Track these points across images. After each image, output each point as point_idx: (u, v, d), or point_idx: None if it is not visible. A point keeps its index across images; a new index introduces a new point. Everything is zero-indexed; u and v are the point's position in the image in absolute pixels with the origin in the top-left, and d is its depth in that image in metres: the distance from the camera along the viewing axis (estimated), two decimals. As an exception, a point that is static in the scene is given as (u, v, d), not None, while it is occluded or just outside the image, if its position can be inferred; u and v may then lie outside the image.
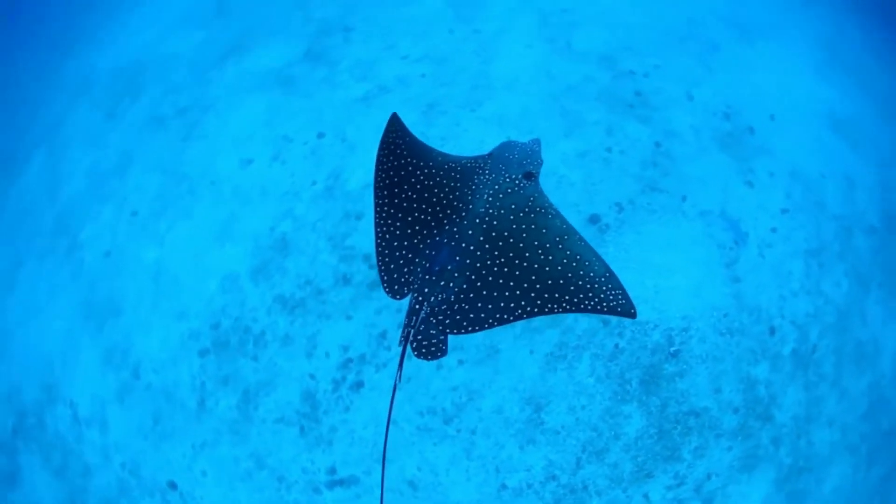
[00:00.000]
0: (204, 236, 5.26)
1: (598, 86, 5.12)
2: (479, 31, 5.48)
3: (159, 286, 5.28)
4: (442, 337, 2.74)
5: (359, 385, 4.48)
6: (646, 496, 4.48)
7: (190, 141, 5.83)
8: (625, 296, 2.60)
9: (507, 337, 4.38)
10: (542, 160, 3.02)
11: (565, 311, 2.59)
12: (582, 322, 4.40)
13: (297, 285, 4.74)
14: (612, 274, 2.65)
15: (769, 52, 5.80)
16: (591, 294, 2.60)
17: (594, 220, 4.64)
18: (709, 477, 4.57)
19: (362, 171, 4.82)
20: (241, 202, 5.19)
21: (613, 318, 4.45)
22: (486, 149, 4.70)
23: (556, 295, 2.60)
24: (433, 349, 2.73)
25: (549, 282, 2.61)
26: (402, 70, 5.23)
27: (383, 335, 4.46)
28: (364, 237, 4.66)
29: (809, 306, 5.06)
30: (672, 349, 4.52)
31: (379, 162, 2.98)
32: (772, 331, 4.85)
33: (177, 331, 5.05)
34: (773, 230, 5.03)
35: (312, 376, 4.57)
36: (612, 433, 4.43)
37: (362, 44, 5.56)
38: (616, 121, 4.91)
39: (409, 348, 2.76)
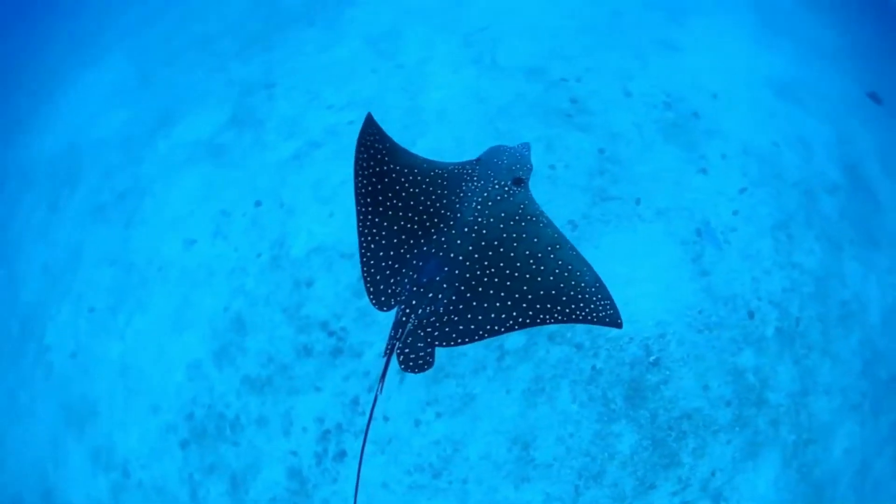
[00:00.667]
0: (162, 326, 5.13)
1: (531, 100, 4.95)
2: (403, 65, 5.30)
3: (128, 382, 5.18)
4: (429, 349, 2.66)
5: (342, 455, 4.36)
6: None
7: (132, 227, 5.68)
8: (613, 306, 2.57)
9: (480, 381, 4.26)
10: (531, 165, 2.94)
11: (556, 321, 2.52)
12: (554, 352, 4.28)
13: (261, 364, 4.61)
14: (601, 284, 2.60)
15: (700, 28, 5.64)
16: (581, 304, 2.55)
17: (548, 242, 4.50)
18: (713, 474, 4.47)
19: (305, 235, 4.68)
20: (191, 285, 5.04)
21: (587, 341, 4.33)
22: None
23: (549, 305, 2.54)
24: (420, 361, 2.64)
25: (541, 292, 2.55)
26: (329, 120, 5.06)
27: (355, 401, 4.34)
28: (317, 304, 4.52)
29: (785, 281, 4.94)
30: (651, 358, 4.40)
31: (358, 166, 2.84)
32: (751, 315, 4.73)
33: (154, 425, 4.96)
34: (735, 213, 4.90)
35: (294, 453, 4.46)
36: (606, 454, 4.32)
37: (286, 99, 5.39)
38: (555, 134, 4.75)
39: (395, 360, 2.68)
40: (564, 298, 2.55)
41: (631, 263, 4.54)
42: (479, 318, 2.54)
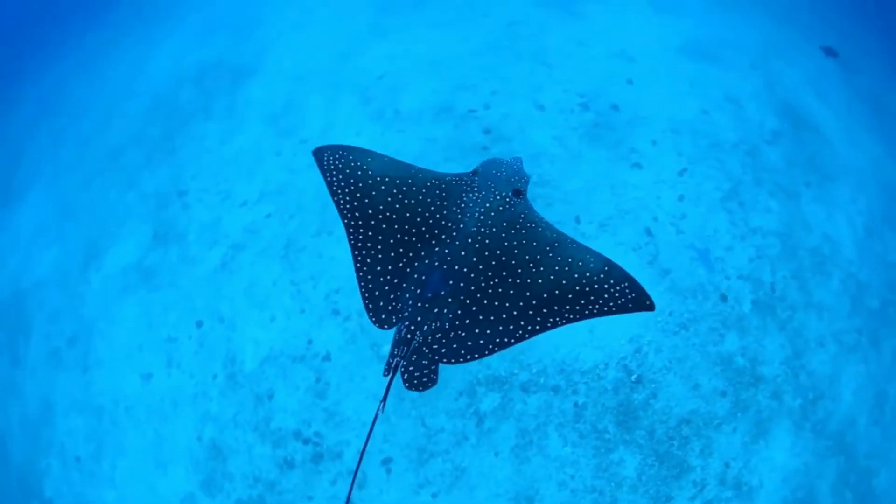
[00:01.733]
0: (145, 466, 5.00)
1: (443, 143, 4.72)
2: (306, 139, 5.07)
3: (132, 527, 5.06)
4: (433, 366, 2.57)
5: (350, 558, 4.22)
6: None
7: (90, 371, 5.53)
8: (633, 287, 2.41)
9: (465, 452, 4.10)
10: (528, 177, 2.88)
11: (569, 321, 2.38)
12: (531, 401, 4.12)
13: (248, 486, 4.46)
14: (612, 268, 2.45)
15: (599, 12, 5.36)
16: (592, 296, 2.42)
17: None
18: (727, 466, 4.34)
19: (252, 346, 4.53)
20: (160, 420, 4.89)
21: (561, 381, 4.17)
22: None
23: (556, 307, 2.44)
24: (424, 379, 2.55)
25: (545, 295, 2.46)
26: (246, 219, 4.85)
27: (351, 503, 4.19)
28: (284, 415, 4.37)
29: (749, 250, 4.76)
30: (633, 377, 4.23)
31: (333, 191, 2.74)
32: (723, 298, 4.55)
33: (165, 565, 4.84)
34: (681, 198, 4.70)
35: (304, 567, 4.33)
36: (613, 484, 4.18)
37: (200, 204, 5.17)
38: (475, 172, 4.53)
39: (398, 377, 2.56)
40: (570, 295, 2.43)
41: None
42: (487, 332, 2.46)
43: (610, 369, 4.20)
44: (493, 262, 2.56)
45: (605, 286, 2.43)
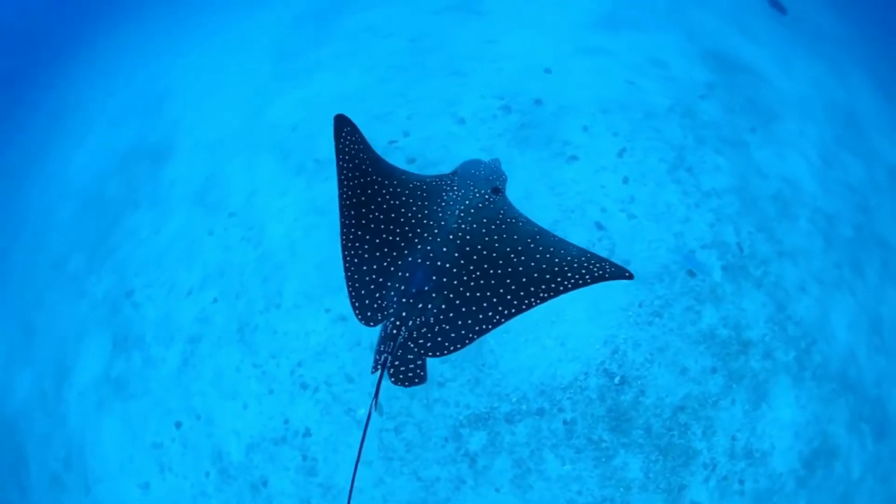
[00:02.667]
0: (168, 576, 4.93)
1: (370, 184, 4.54)
2: (234, 212, 4.90)
3: None
4: (420, 362, 2.68)
5: None
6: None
7: (92, 490, 5.45)
8: (612, 263, 2.56)
9: (467, 494, 4.01)
10: (506, 176, 3.05)
11: (544, 299, 2.51)
12: (519, 430, 4.01)
13: (266, 576, 4.39)
14: (592, 254, 2.60)
15: (502, 5, 5.11)
16: (569, 273, 2.55)
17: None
18: (734, 439, 4.25)
19: (233, 438, 4.43)
20: (166, 529, 4.81)
21: (545, 403, 4.05)
22: (317, 339, 4.28)
23: (532, 288, 2.56)
24: (411, 375, 2.67)
25: (524, 279, 2.56)
26: (194, 308, 4.72)
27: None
28: (283, 498, 4.27)
29: (707, 216, 4.61)
30: (616, 380, 4.11)
31: (341, 174, 2.77)
32: (691, 273, 4.41)
33: None
34: (626, 180, 4.52)
35: None
36: (622, 489, 4.10)
37: (149, 301, 5.04)
38: (409, 208, 4.36)
39: (386, 375, 2.64)
40: (548, 276, 2.55)
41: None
42: (469, 321, 2.53)
43: (591, 378, 4.08)
44: (475, 257, 2.62)
45: (586, 264, 2.54)
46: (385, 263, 2.69)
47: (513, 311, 2.55)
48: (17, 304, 6.63)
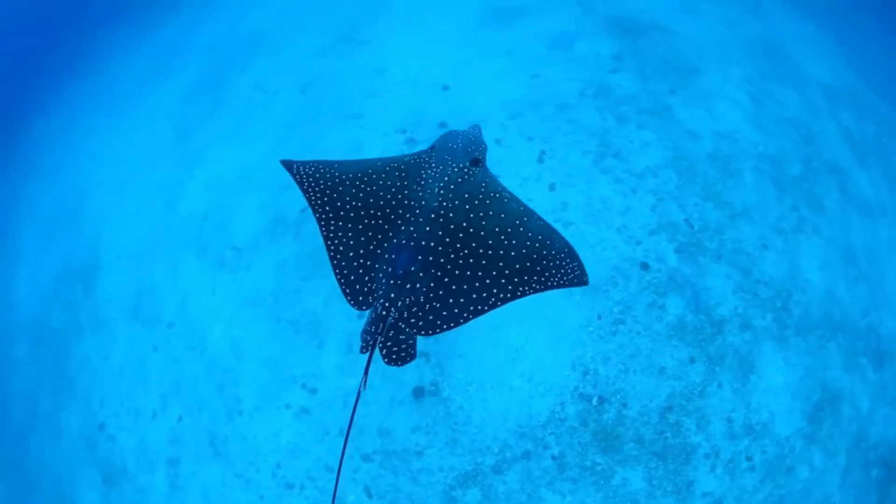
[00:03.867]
0: None
1: (293, 261, 4.37)
2: (173, 322, 4.76)
3: None
4: (411, 341, 2.68)
5: None
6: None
7: None
8: (580, 266, 2.60)
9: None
10: (486, 145, 2.96)
11: (535, 290, 2.55)
12: (510, 476, 3.90)
13: None
14: (571, 248, 2.65)
15: (383, 30, 4.78)
16: (553, 270, 2.59)
17: (418, 391, 4.03)
18: (730, 421, 4.13)
19: None
20: None
21: (529, 444, 3.93)
22: (287, 437, 4.13)
23: (525, 277, 2.57)
24: (402, 354, 2.66)
25: (517, 266, 2.58)
26: (164, 430, 4.60)
27: None
28: None
29: (647, 199, 4.39)
30: (594, 401, 3.96)
31: (307, 194, 2.84)
32: (644, 266, 4.21)
33: None
34: (552, 187, 4.29)
35: None
36: (629, 502, 3.98)
37: (122, 432, 4.93)
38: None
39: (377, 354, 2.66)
40: (539, 268, 2.58)
41: (504, 334, 4.04)
42: (462, 300, 2.54)
43: (568, 406, 3.93)
44: (461, 234, 2.62)
45: (564, 263, 2.55)
46: (371, 247, 2.70)
47: (507, 296, 2.53)
48: (7, 456, 6.53)
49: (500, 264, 2.58)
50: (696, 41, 4.79)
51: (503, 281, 2.55)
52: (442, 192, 2.73)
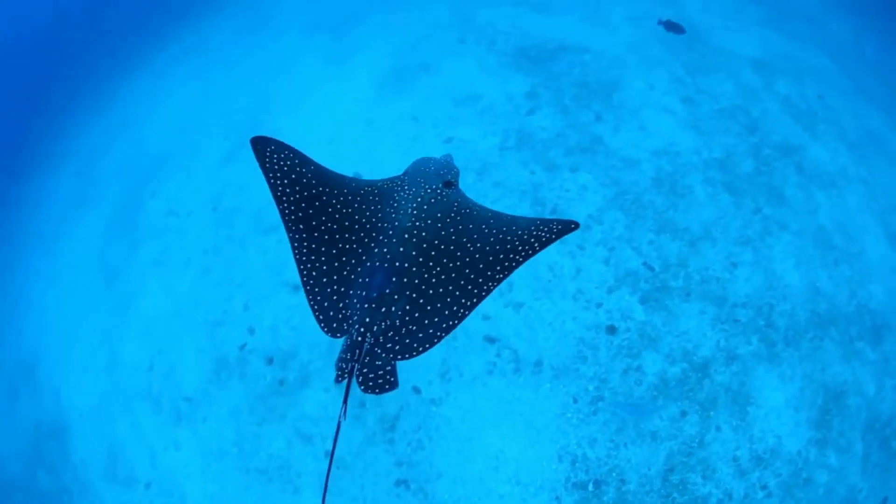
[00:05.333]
0: None
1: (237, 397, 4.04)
2: (150, 482, 4.51)
3: None
4: (389, 367, 2.62)
5: None
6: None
7: None
8: (558, 221, 2.49)
9: None
10: (457, 170, 2.94)
11: (500, 280, 2.48)
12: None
13: None
14: (540, 220, 2.56)
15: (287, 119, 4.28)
16: (519, 246, 2.52)
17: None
18: (736, 459, 3.97)
19: None
20: None
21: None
22: None
23: (489, 272, 2.51)
24: (380, 381, 2.60)
25: (482, 265, 2.53)
26: None
27: None
28: None
29: (598, 252, 4.07)
30: (590, 487, 3.73)
31: (276, 191, 2.72)
32: (611, 330, 3.91)
33: None
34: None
35: None
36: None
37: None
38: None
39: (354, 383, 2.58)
40: (501, 256, 2.51)
41: (480, 442, 3.78)
42: (435, 319, 2.50)
43: (564, 499, 3.70)
44: (433, 253, 2.59)
45: (533, 231, 2.48)
46: (345, 272, 2.65)
47: (474, 300, 2.46)
48: None
49: (467, 271, 2.53)
50: (610, 52, 4.32)
51: (470, 287, 2.49)
52: (415, 212, 2.69)
